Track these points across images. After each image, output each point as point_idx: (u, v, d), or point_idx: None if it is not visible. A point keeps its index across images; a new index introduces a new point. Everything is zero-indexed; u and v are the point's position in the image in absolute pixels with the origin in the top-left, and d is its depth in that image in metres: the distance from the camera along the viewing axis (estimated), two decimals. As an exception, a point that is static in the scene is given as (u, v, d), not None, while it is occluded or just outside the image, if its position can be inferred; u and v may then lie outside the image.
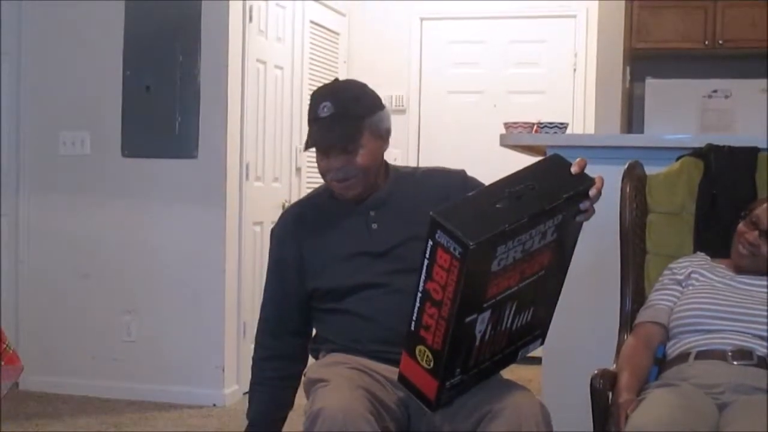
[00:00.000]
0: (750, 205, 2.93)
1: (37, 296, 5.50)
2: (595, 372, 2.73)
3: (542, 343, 2.62)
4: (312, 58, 6.43)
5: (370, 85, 2.72)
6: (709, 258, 2.98)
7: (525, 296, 2.33)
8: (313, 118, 2.62)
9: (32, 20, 5.46)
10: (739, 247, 2.87)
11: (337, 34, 6.90)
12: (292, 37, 6.11)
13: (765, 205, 2.88)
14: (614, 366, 2.82)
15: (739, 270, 2.88)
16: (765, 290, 2.78)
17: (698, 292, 2.84)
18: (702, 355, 2.69)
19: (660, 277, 2.99)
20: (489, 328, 2.29)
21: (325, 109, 2.59)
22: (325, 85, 2.71)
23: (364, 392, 2.41)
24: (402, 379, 2.39)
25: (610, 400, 2.68)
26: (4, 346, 3.48)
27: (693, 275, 2.90)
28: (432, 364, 2.29)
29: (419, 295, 2.24)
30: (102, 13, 5.35)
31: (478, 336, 2.28)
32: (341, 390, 2.39)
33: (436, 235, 2.15)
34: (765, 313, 2.70)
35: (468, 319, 2.22)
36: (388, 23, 7.08)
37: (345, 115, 2.60)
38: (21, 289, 5.53)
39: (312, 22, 6.41)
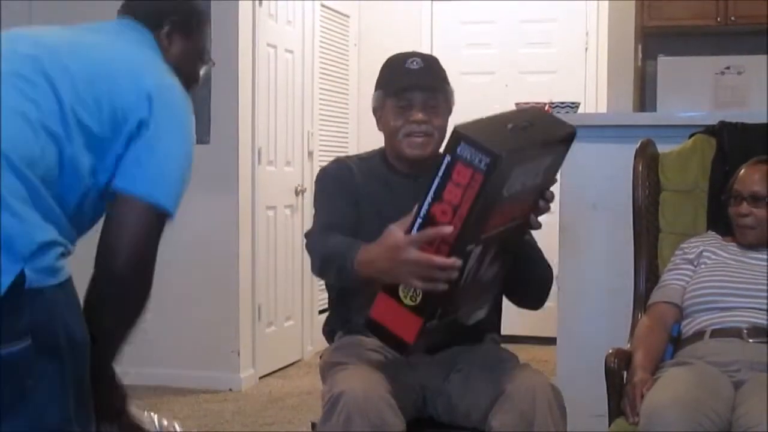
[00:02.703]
0: (727, 186, 2.94)
1: (52, 283, 5.52)
2: (610, 351, 2.73)
3: (485, 315, 2.49)
4: (322, 41, 6.42)
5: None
6: (720, 237, 2.97)
7: (503, 244, 2.29)
8: (402, 71, 2.65)
9: (42, 6, 5.47)
10: (736, 227, 2.88)
11: (347, 16, 6.89)
12: (303, 21, 6.10)
13: (740, 173, 2.89)
14: (628, 346, 2.82)
15: (748, 247, 2.87)
16: None
17: (711, 271, 2.83)
18: (717, 333, 2.69)
19: (672, 258, 2.98)
20: (473, 269, 2.23)
21: (415, 63, 2.66)
22: (404, 51, 2.75)
23: (383, 375, 2.42)
24: (371, 323, 2.26)
25: (624, 380, 2.68)
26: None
27: (704, 254, 2.89)
28: (418, 300, 2.19)
29: (418, 221, 2.14)
30: (112, -1, 5.36)
31: (465, 275, 2.20)
32: (362, 373, 2.40)
33: (459, 149, 2.08)
34: None
35: (468, 248, 2.15)
36: (399, 4, 7.05)
37: (435, 70, 2.70)
38: (36, 277, 5.55)
39: (322, 4, 6.40)
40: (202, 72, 2.30)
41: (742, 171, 2.90)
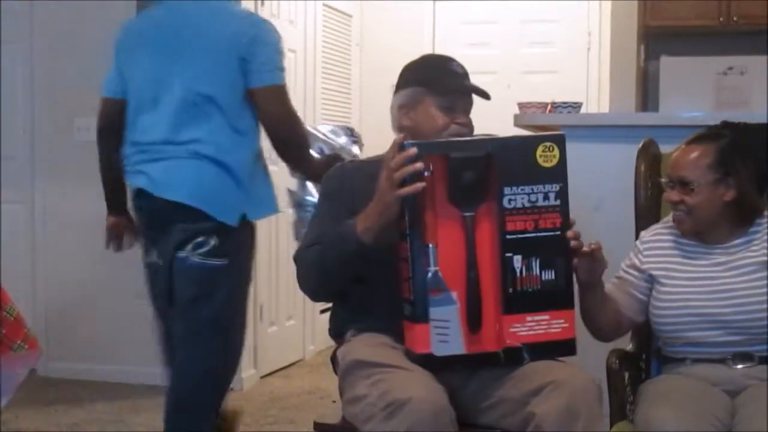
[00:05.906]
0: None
1: (53, 283, 5.52)
2: (610, 351, 2.73)
3: None
4: (325, 41, 6.42)
5: (384, 68, 2.74)
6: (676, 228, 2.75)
7: None
8: (449, 72, 2.71)
9: (44, 7, 5.46)
10: (672, 217, 2.71)
11: (350, 16, 6.89)
12: (305, 20, 6.10)
13: (672, 155, 2.73)
14: (630, 346, 2.80)
15: (699, 238, 2.68)
16: (745, 268, 2.61)
17: (675, 299, 2.65)
18: (699, 361, 2.60)
19: (630, 254, 2.86)
20: None
21: (460, 68, 2.73)
22: (439, 54, 2.85)
23: (441, 384, 2.34)
24: (565, 346, 2.45)
25: (626, 381, 2.67)
26: (25, 330, 3.49)
27: (658, 273, 2.72)
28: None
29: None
30: (114, -2, 5.36)
31: None
32: (424, 380, 2.32)
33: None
34: (753, 300, 2.56)
35: None
36: (401, 4, 7.05)
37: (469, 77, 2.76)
38: (37, 276, 5.55)
39: (324, 4, 6.40)
40: None
41: (675, 152, 2.72)
